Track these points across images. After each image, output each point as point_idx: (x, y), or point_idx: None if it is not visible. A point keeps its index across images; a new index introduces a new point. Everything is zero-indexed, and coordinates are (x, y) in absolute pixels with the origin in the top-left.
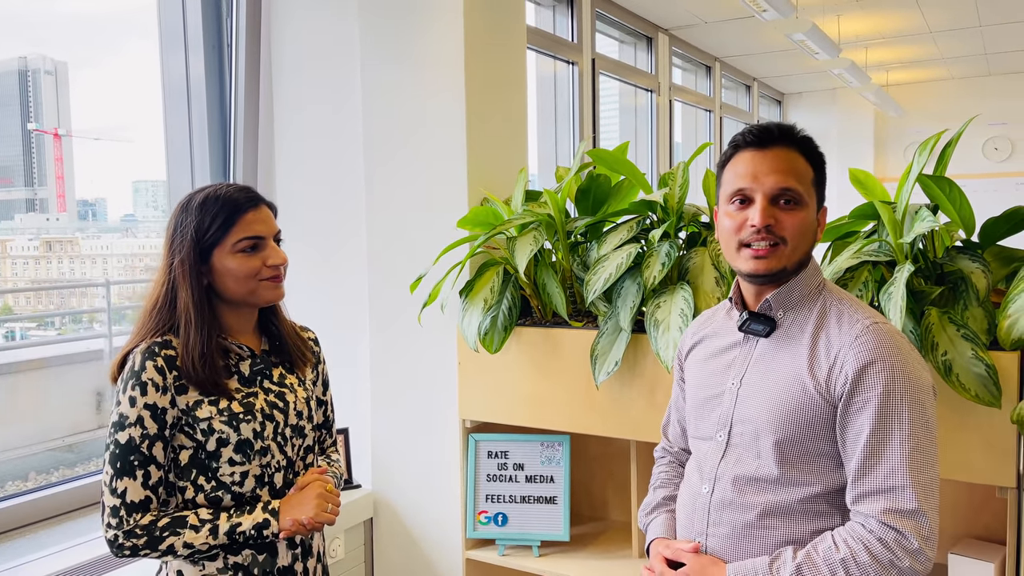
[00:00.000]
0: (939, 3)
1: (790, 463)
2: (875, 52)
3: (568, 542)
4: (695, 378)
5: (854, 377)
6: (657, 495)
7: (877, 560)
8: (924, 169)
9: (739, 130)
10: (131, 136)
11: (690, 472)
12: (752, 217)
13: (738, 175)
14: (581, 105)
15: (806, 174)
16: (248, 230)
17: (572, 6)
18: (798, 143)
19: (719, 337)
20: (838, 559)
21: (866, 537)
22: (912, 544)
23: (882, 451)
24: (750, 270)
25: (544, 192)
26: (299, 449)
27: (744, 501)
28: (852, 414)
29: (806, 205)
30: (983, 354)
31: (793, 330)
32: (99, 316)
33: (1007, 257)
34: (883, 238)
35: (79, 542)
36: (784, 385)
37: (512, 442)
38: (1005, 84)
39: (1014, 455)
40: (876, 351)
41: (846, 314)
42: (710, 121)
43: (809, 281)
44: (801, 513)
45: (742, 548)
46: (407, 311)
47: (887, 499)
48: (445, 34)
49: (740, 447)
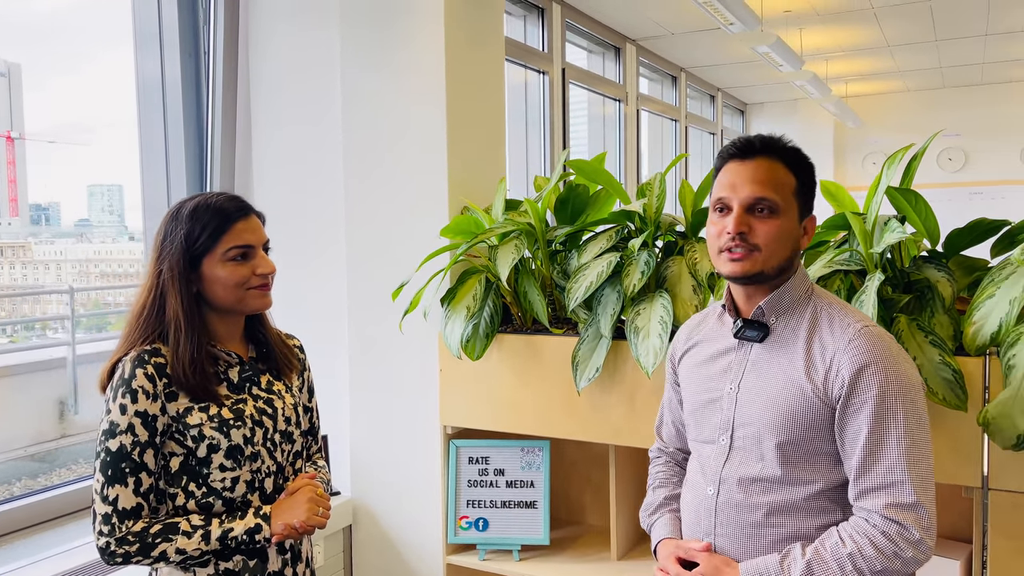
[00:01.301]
0: (897, 19)
1: (793, 463)
2: (835, 64)
3: (548, 546)
4: (691, 383)
5: (851, 380)
6: (658, 495)
7: (882, 552)
8: (891, 181)
9: (701, 138)
10: (87, 139)
11: (693, 473)
12: (728, 225)
13: (721, 185)
14: (552, 114)
15: (787, 184)
16: (238, 239)
17: (543, 16)
18: (781, 153)
19: (712, 342)
20: (845, 554)
21: (870, 531)
22: (914, 535)
23: (880, 449)
24: (727, 272)
25: (525, 201)
26: (288, 455)
27: (751, 501)
28: (850, 415)
29: (784, 214)
30: (950, 359)
31: (786, 335)
32: (53, 324)
33: (969, 267)
34: (854, 248)
35: (55, 553)
36: (782, 389)
37: (493, 448)
38: (959, 97)
39: (979, 456)
40: (870, 354)
41: (837, 318)
42: (676, 131)
43: (798, 287)
44: (805, 510)
45: (750, 546)
46: (387, 319)
47: (887, 494)
48: (426, 44)
49: (743, 450)
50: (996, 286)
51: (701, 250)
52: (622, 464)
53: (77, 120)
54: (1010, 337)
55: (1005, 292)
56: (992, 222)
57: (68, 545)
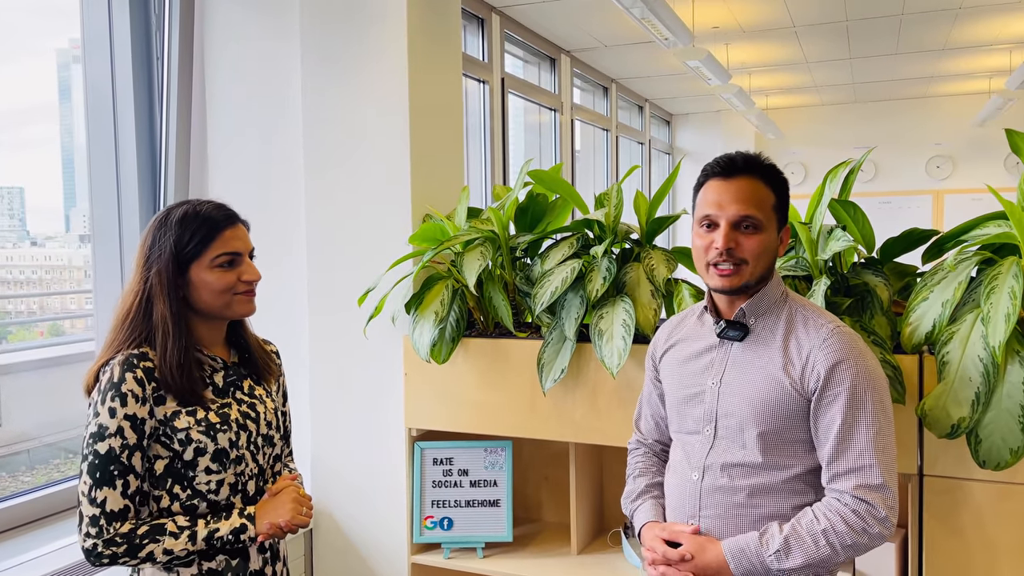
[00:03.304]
0: (816, 37)
1: (772, 450)
2: (758, 79)
3: (511, 543)
4: (674, 379)
5: (826, 374)
6: (639, 483)
7: (852, 528)
8: (833, 194)
9: (630, 147)
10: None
11: (677, 461)
12: (716, 241)
13: (706, 202)
14: (492, 122)
15: (767, 200)
16: (227, 246)
17: (483, 27)
18: (760, 172)
19: (692, 341)
20: (819, 530)
21: (842, 510)
22: (880, 513)
23: (851, 436)
24: (717, 286)
25: (489, 210)
26: (269, 458)
27: (734, 484)
28: (824, 406)
29: (766, 229)
30: (890, 357)
31: (764, 334)
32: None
33: (901, 272)
34: (800, 255)
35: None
36: (762, 383)
37: (457, 449)
38: (869, 111)
39: (916, 446)
40: (843, 351)
41: (811, 319)
42: (607, 140)
43: (774, 291)
44: (783, 492)
45: (731, 525)
46: (349, 324)
47: (857, 476)
48: (389, 52)
49: (726, 439)
50: (930, 290)
51: (657, 257)
52: (581, 461)
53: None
54: (944, 336)
55: (938, 295)
56: (923, 232)
57: (41, 551)
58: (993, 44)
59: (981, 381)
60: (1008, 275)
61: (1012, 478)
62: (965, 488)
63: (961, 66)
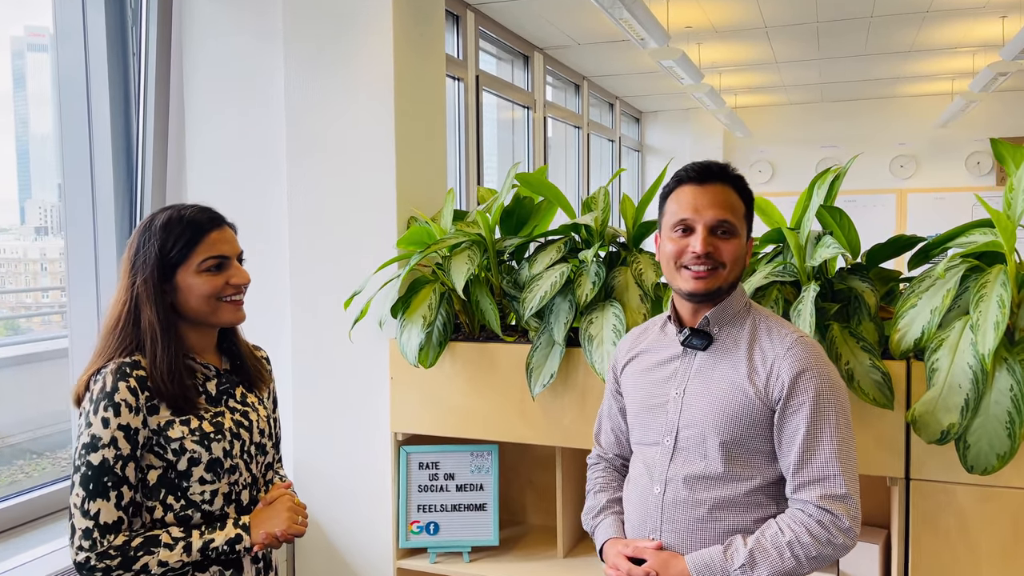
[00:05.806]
0: (786, 37)
1: (733, 460)
2: (728, 78)
3: (497, 547)
4: (636, 389)
5: (790, 384)
6: (599, 499)
7: (817, 539)
8: (820, 200)
9: (601, 145)
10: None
11: (638, 475)
12: (694, 244)
13: (681, 207)
14: (467, 119)
15: (739, 208)
16: (213, 249)
17: (458, 24)
18: (731, 180)
19: (655, 351)
20: (784, 542)
21: (806, 521)
22: (844, 523)
23: (816, 446)
24: (690, 289)
25: (476, 214)
26: (261, 466)
27: (696, 498)
28: (789, 415)
29: (739, 235)
30: (879, 363)
31: (728, 343)
32: None
33: (885, 277)
34: (788, 260)
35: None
36: (726, 392)
37: (443, 453)
38: (836, 111)
39: (903, 450)
40: (806, 361)
41: (775, 329)
42: (578, 137)
43: (739, 300)
44: (745, 505)
45: (694, 540)
46: (332, 327)
47: (822, 487)
48: (374, 53)
49: (687, 450)
50: (918, 296)
51: (645, 261)
52: (568, 465)
53: None
54: (933, 343)
55: (926, 302)
56: (909, 238)
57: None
58: (957, 47)
59: (971, 388)
60: (996, 283)
61: (995, 481)
62: (950, 491)
63: (926, 68)
